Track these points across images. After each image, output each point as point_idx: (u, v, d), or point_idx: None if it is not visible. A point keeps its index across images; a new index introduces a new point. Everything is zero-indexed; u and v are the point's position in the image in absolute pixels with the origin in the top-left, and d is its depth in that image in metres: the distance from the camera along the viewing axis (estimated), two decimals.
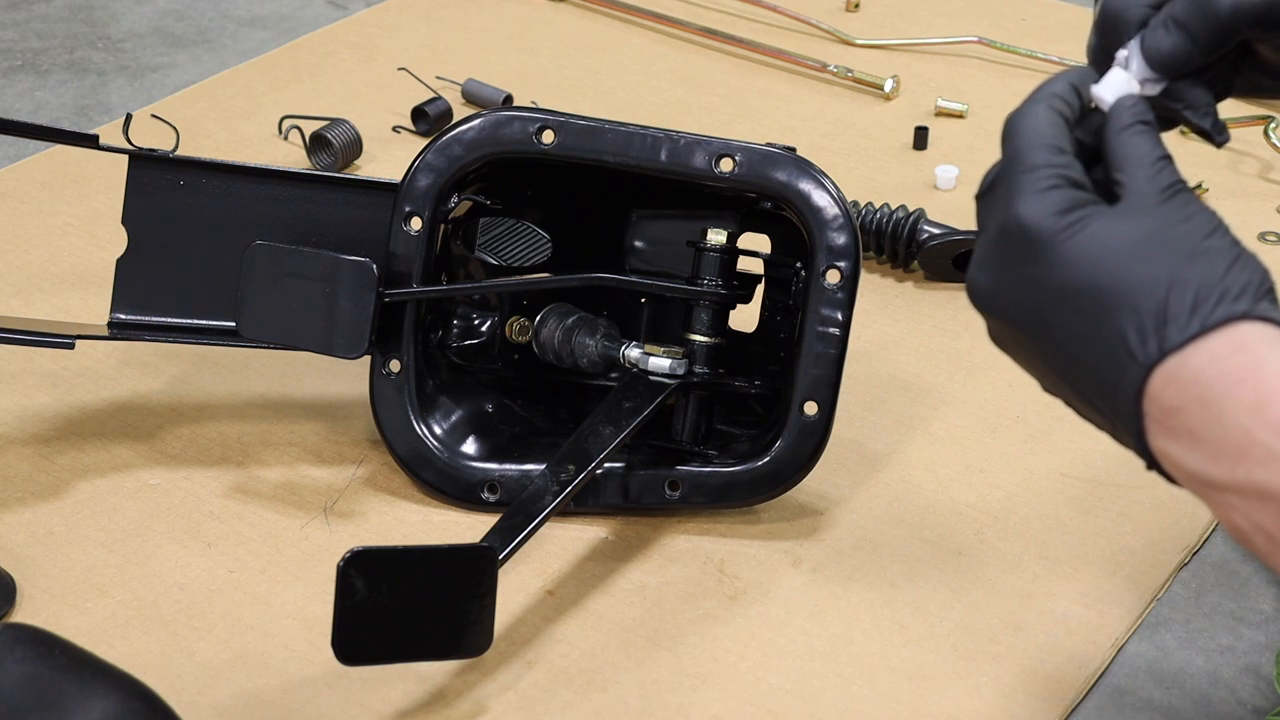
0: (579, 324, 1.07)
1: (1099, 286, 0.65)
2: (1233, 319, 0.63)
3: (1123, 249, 0.65)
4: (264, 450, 1.10)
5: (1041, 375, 0.71)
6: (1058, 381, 0.69)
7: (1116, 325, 0.64)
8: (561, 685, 0.93)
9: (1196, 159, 1.44)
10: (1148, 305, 0.63)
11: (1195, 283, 0.63)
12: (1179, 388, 0.63)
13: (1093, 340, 0.65)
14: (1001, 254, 0.68)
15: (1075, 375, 0.67)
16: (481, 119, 1.04)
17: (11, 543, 1.02)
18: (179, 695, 0.89)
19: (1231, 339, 0.63)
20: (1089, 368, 0.65)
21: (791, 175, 1.01)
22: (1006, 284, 0.68)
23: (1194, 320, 0.63)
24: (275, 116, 1.47)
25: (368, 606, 0.86)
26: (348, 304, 1.01)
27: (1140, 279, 0.64)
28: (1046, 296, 0.66)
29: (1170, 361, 0.63)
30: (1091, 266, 0.65)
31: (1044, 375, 0.70)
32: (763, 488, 1.03)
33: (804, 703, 0.92)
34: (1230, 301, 0.64)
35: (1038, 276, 0.66)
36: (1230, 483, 0.63)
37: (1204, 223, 0.67)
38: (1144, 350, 0.63)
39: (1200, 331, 0.63)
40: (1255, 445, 0.61)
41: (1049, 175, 0.68)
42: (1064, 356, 0.67)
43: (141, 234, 1.08)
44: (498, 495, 1.04)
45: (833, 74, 1.57)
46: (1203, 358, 0.63)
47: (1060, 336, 0.66)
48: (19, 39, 1.66)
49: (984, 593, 1.00)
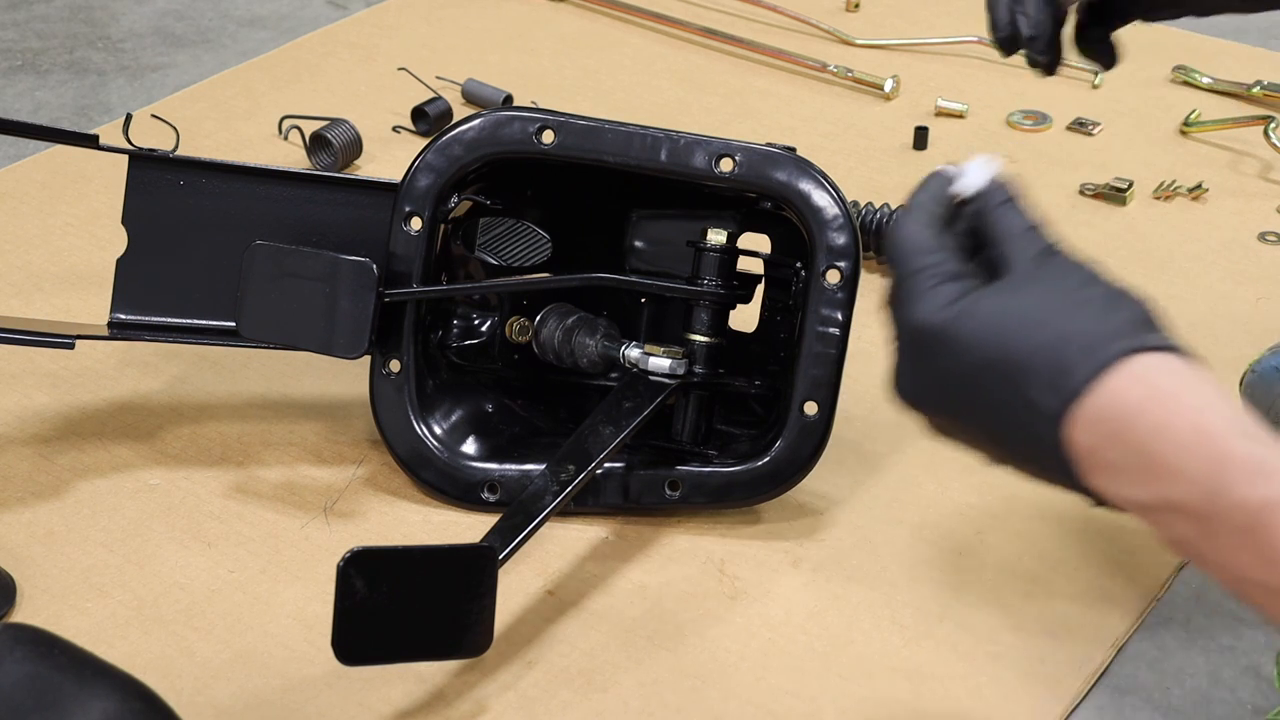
0: (579, 324, 1.07)
1: (999, 360, 0.70)
2: (1123, 355, 0.69)
3: (1011, 321, 0.71)
4: (264, 450, 1.10)
5: (990, 457, 0.75)
6: (998, 454, 0.74)
7: (1023, 391, 0.69)
8: (561, 685, 0.93)
9: (1197, 159, 1.44)
10: (1043, 365, 0.69)
11: (1081, 333, 0.69)
12: (1091, 429, 0.68)
13: (1008, 409, 0.70)
14: (911, 356, 0.74)
15: (1006, 445, 0.72)
16: (481, 119, 1.04)
17: (11, 543, 1.02)
18: (179, 695, 0.89)
19: (1127, 374, 0.68)
20: (1014, 435, 0.71)
21: (791, 175, 1.01)
22: (923, 381, 0.74)
23: (1087, 366, 0.68)
24: (275, 116, 1.47)
25: (368, 606, 0.86)
26: (348, 304, 1.01)
27: (1033, 344, 0.69)
28: (959, 383, 0.72)
29: (1076, 409, 0.68)
30: (988, 345, 0.71)
31: (985, 451, 0.75)
32: (763, 488, 1.03)
33: (804, 703, 0.92)
34: (1117, 340, 0.69)
35: (946, 367, 0.72)
36: (1151, 502, 0.68)
37: (1079, 276, 0.73)
38: (1050, 405, 0.69)
39: (1095, 374, 0.68)
40: (1162, 466, 0.67)
41: (930, 276, 0.74)
42: (990, 432, 0.72)
43: (141, 234, 1.08)
44: (498, 495, 1.04)
45: (833, 74, 1.57)
46: (1104, 398, 0.68)
47: (981, 415, 0.72)
48: (19, 39, 1.66)
49: (984, 593, 0.99)
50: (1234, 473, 0.66)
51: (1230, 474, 0.66)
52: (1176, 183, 1.40)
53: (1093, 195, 1.39)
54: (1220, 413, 0.68)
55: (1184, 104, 1.51)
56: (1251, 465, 0.66)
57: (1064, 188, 1.41)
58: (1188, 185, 1.40)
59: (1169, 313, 1.30)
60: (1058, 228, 1.40)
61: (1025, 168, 1.43)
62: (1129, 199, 1.39)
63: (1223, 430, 0.67)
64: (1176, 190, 1.40)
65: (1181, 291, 1.28)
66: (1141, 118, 1.51)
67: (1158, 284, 1.29)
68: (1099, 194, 1.39)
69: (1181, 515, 0.67)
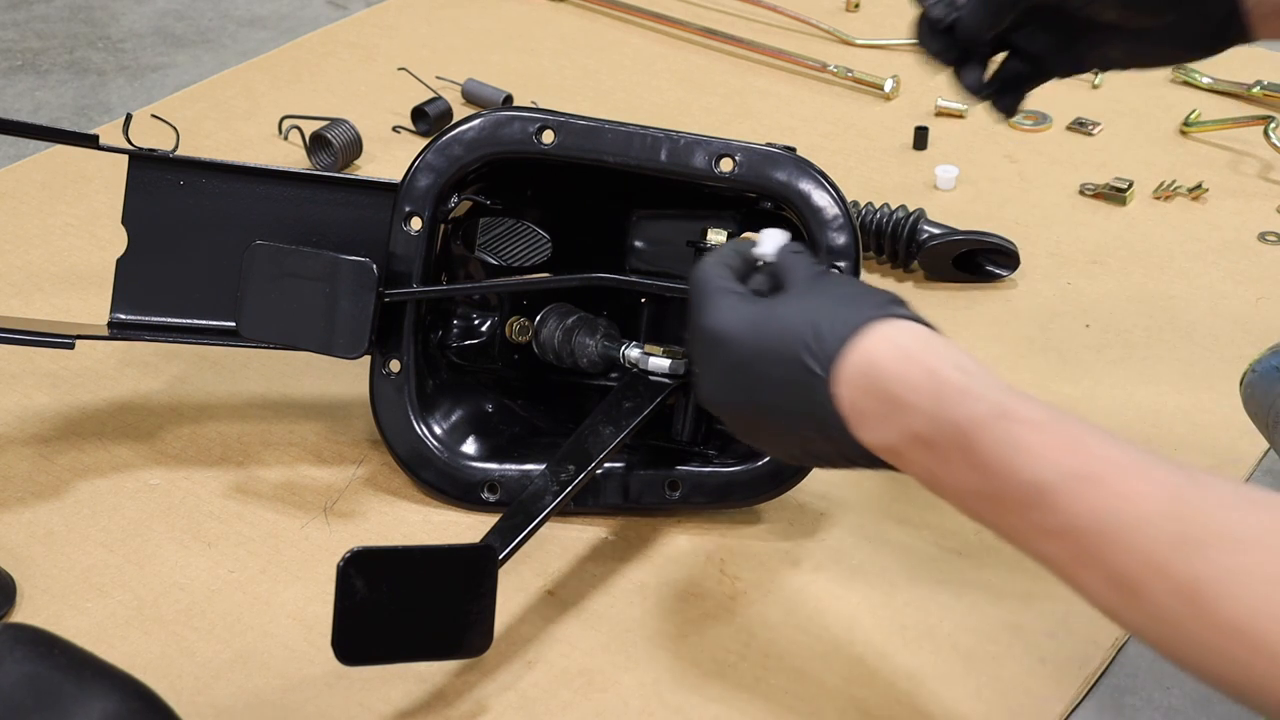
0: (579, 324, 1.07)
1: (779, 343, 0.83)
2: (872, 321, 0.82)
3: (788, 313, 0.84)
4: (264, 450, 1.10)
5: (785, 442, 0.86)
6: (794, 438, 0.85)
7: (798, 360, 0.82)
8: (561, 685, 0.93)
9: (1197, 159, 1.44)
10: (812, 339, 0.82)
11: (841, 311, 0.83)
12: (851, 384, 0.81)
13: (791, 386, 0.83)
14: (707, 359, 0.87)
15: (796, 420, 0.83)
16: (481, 119, 1.04)
17: (11, 543, 1.02)
18: (179, 695, 0.89)
19: (876, 335, 0.81)
20: (798, 404, 0.83)
21: (791, 175, 1.01)
22: (721, 378, 0.86)
23: (844, 331, 0.82)
24: (275, 116, 1.47)
25: (368, 606, 0.86)
26: (348, 304, 1.01)
27: (804, 324, 0.83)
28: (750, 370, 0.84)
29: (839, 368, 0.81)
30: (769, 334, 0.84)
31: (785, 440, 0.85)
32: (763, 488, 1.03)
33: (804, 703, 0.92)
34: (868, 311, 0.82)
35: (737, 359, 0.85)
36: (898, 440, 0.80)
37: (847, 283, 0.88)
38: (820, 366, 0.81)
39: (850, 335, 0.81)
40: (902, 404, 0.79)
41: (721, 293, 0.87)
42: (782, 412, 0.84)
43: (141, 234, 1.08)
44: (498, 495, 1.04)
45: (833, 74, 1.57)
46: (858, 356, 0.81)
47: (771, 395, 0.84)
48: (19, 39, 1.66)
49: (984, 593, 1.00)
50: (949, 397, 0.78)
51: (946, 399, 0.78)
52: (1176, 183, 1.40)
53: (1093, 195, 1.39)
54: (945, 357, 0.80)
55: (1184, 104, 1.51)
56: (961, 390, 0.78)
57: (1064, 188, 1.41)
58: (1188, 185, 1.40)
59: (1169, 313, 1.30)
60: (1058, 228, 1.40)
61: (1025, 168, 1.43)
62: (1129, 199, 1.39)
63: (943, 367, 0.79)
64: (1176, 190, 1.40)
65: (1181, 291, 1.28)
66: (1141, 118, 1.51)
67: (1158, 284, 1.29)
68: (1099, 194, 1.39)
69: (919, 445, 0.79)
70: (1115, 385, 1.18)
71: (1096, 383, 1.18)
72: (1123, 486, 0.74)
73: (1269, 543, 0.70)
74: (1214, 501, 0.73)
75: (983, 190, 1.40)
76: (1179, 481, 0.74)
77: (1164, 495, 0.73)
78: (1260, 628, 0.69)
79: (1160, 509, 0.73)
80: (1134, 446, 0.77)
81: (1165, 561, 0.72)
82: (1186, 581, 0.71)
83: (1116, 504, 0.74)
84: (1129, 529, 0.73)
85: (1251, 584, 0.70)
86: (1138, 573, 0.73)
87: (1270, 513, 0.71)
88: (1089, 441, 0.76)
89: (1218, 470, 1.10)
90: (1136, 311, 1.26)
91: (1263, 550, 0.70)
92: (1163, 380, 1.18)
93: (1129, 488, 0.74)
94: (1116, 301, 1.27)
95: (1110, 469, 0.75)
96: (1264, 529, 0.71)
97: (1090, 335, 1.23)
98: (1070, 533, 0.75)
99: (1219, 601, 0.70)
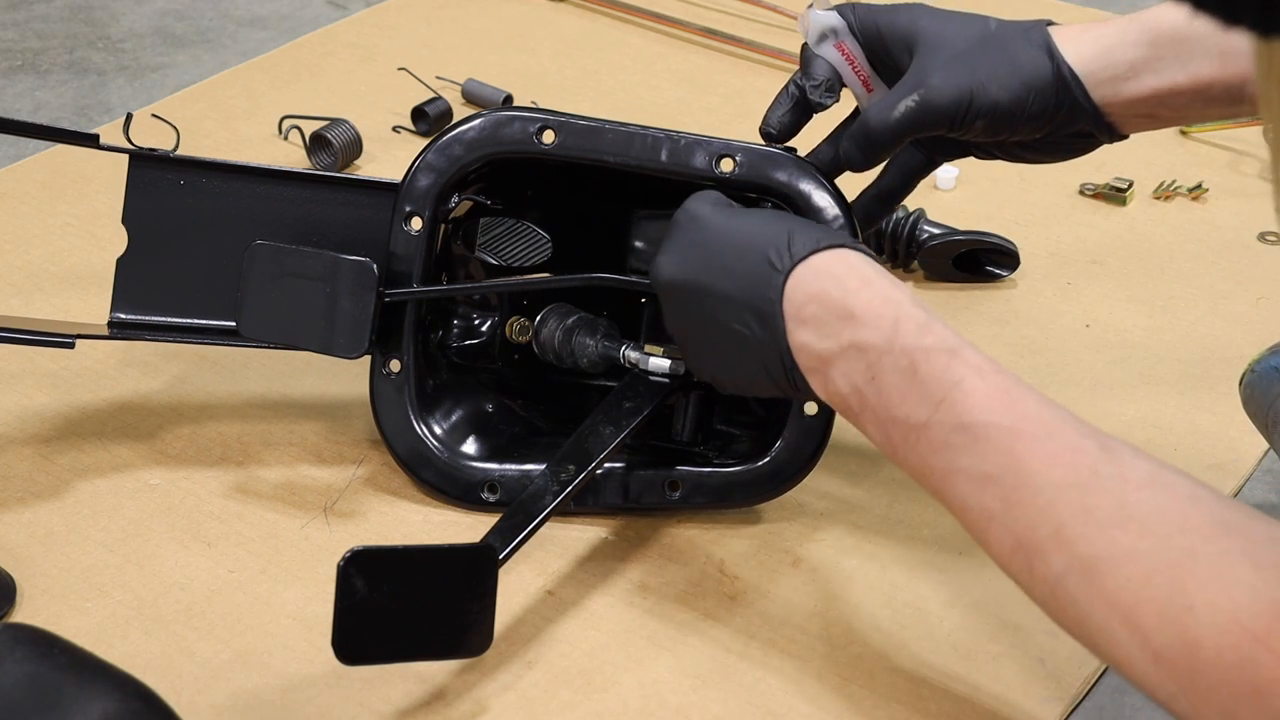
0: (579, 324, 1.07)
1: (748, 238, 0.92)
2: (833, 246, 0.91)
3: (766, 219, 0.94)
4: (264, 450, 1.10)
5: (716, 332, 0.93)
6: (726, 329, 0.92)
7: (763, 255, 0.91)
8: (561, 685, 0.93)
9: (1197, 159, 1.44)
10: (781, 240, 0.91)
11: (817, 233, 0.92)
12: (802, 287, 0.89)
13: (746, 274, 0.91)
14: (677, 234, 0.96)
15: (737, 309, 0.91)
16: (482, 119, 1.04)
17: (11, 543, 1.02)
18: (179, 695, 0.89)
19: (836, 256, 0.90)
20: (746, 293, 0.91)
21: (792, 175, 1.01)
22: (683, 252, 0.95)
23: (809, 243, 0.91)
24: (275, 116, 1.47)
25: (368, 606, 0.86)
26: (348, 304, 1.01)
27: (778, 230, 0.92)
28: (710, 249, 0.93)
29: (798, 270, 0.90)
30: (744, 229, 0.93)
31: (716, 330, 0.93)
32: (763, 488, 1.03)
33: (804, 703, 0.92)
34: (834, 238, 0.92)
35: (704, 240, 0.94)
36: (837, 349, 0.87)
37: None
38: (782, 263, 0.90)
39: (813, 249, 0.90)
40: (853, 315, 0.87)
41: (707, 194, 0.97)
42: (727, 297, 0.92)
43: (141, 234, 1.08)
44: (498, 495, 1.04)
45: None
46: (816, 266, 0.90)
47: (724, 279, 0.92)
48: (19, 39, 1.66)
49: (984, 593, 1.00)
50: (906, 325, 0.85)
51: (904, 326, 0.85)
52: (1176, 183, 1.40)
53: (1093, 195, 1.39)
54: (905, 294, 0.87)
55: None
56: (920, 324, 0.85)
57: (1064, 188, 1.41)
58: (1188, 185, 1.40)
59: (1169, 313, 1.30)
60: (1058, 228, 1.40)
61: (1025, 168, 1.43)
62: (1129, 199, 1.39)
63: (904, 301, 0.87)
64: (1176, 190, 1.40)
65: (1181, 291, 1.28)
66: None
67: (1158, 284, 1.29)
68: (1099, 194, 1.39)
69: (859, 356, 0.86)
70: (1115, 385, 1.18)
71: (1096, 382, 1.18)
72: (1047, 447, 0.77)
73: (1164, 529, 0.73)
74: (1128, 479, 0.75)
75: (983, 190, 1.40)
76: (1098, 454, 0.77)
77: (1084, 464, 0.76)
78: (1140, 610, 0.72)
79: (1076, 479, 0.76)
80: (1066, 412, 0.80)
81: (1070, 533, 0.75)
82: (1085, 557, 0.74)
83: (1036, 464, 0.77)
84: (1043, 492, 0.77)
85: (1141, 567, 0.73)
86: (1043, 541, 0.76)
87: (1170, 494, 0.74)
88: (1024, 398, 0.80)
89: (1218, 469, 1.10)
90: (1136, 311, 1.26)
91: (1157, 535, 0.73)
92: (1163, 380, 1.18)
93: (1051, 451, 0.77)
94: (1116, 301, 1.27)
95: (1039, 428, 0.78)
96: (1165, 512, 0.73)
97: (1090, 335, 1.23)
98: (985, 480, 0.79)
99: (1110, 580, 0.74)
